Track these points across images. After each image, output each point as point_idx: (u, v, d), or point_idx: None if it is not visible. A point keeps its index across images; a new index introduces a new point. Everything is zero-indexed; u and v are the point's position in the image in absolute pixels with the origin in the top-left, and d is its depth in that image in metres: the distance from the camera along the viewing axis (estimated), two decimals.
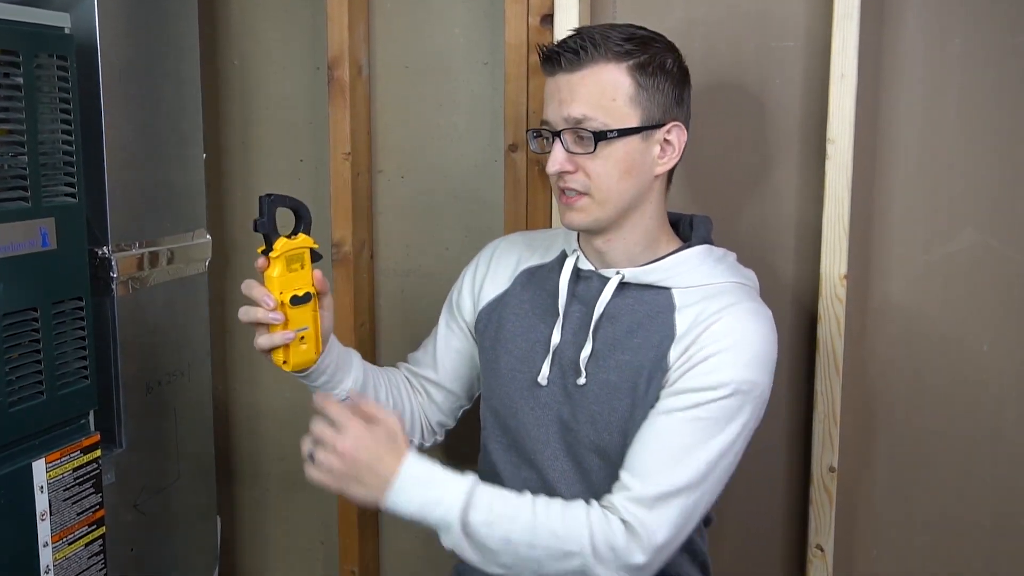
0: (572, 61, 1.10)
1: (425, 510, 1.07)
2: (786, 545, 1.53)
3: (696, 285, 1.15)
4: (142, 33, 1.45)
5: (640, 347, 1.14)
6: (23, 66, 1.18)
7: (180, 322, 1.57)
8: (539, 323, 1.23)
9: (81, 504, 1.32)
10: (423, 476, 1.08)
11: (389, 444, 1.08)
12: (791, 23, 1.41)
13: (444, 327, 1.36)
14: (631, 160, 1.12)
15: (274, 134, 1.75)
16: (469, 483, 1.08)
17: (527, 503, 1.08)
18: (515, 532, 1.06)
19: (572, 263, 1.21)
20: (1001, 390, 1.40)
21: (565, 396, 1.19)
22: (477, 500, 1.07)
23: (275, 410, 1.83)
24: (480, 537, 1.06)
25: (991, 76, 1.35)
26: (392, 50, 1.65)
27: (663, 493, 1.06)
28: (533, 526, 1.06)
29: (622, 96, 1.11)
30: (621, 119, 1.11)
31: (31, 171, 1.21)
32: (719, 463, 1.09)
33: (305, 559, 1.87)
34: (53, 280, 1.25)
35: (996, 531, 1.43)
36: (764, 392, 1.11)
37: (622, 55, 1.10)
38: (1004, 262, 1.37)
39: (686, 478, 1.07)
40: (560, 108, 1.12)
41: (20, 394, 1.22)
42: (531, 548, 1.06)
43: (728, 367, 1.08)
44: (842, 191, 1.36)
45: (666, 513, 1.07)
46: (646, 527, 1.06)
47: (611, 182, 1.12)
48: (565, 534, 1.06)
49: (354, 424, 1.07)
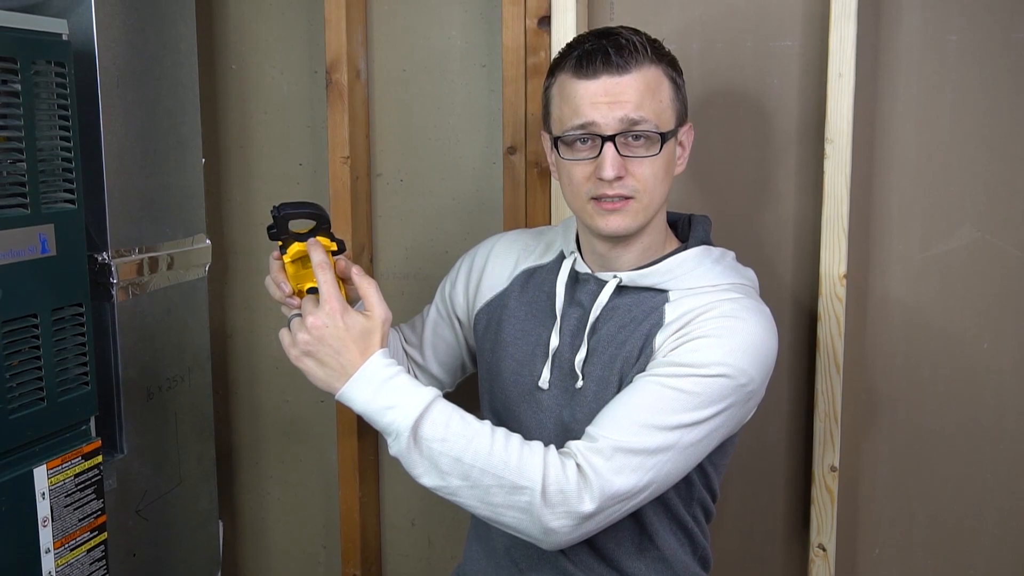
0: (619, 64, 1.09)
1: (377, 412, 1.05)
2: (788, 545, 1.53)
3: (694, 287, 1.15)
4: (140, 38, 1.45)
5: (627, 339, 1.14)
6: (21, 73, 1.18)
7: (180, 327, 1.57)
8: (538, 326, 1.23)
9: (83, 510, 1.32)
10: (383, 377, 1.06)
11: (362, 337, 1.07)
12: (788, 23, 1.42)
13: (434, 313, 1.37)
14: (671, 162, 1.14)
15: (273, 138, 1.76)
16: (429, 395, 1.06)
17: (487, 428, 1.05)
18: (468, 454, 1.03)
19: (569, 265, 1.21)
20: (1001, 387, 1.40)
21: (566, 399, 1.19)
22: (435, 414, 1.04)
23: (276, 413, 1.83)
24: (430, 452, 1.03)
25: (988, 73, 1.35)
26: (390, 53, 1.65)
27: (623, 447, 1.04)
28: (489, 452, 1.03)
29: (667, 97, 1.12)
30: (666, 121, 1.12)
31: (30, 178, 1.20)
32: (688, 437, 1.06)
33: (307, 563, 1.87)
34: (53, 286, 1.25)
35: (998, 529, 1.43)
36: (755, 386, 1.09)
37: (659, 56, 1.12)
38: (1002, 258, 1.37)
39: (649, 441, 1.04)
40: (612, 110, 1.09)
41: (21, 400, 1.22)
42: (482, 473, 1.03)
43: (717, 349, 1.07)
44: (841, 190, 1.36)
45: (623, 467, 1.03)
46: (600, 475, 1.03)
47: (656, 184, 1.12)
48: (518, 467, 1.03)
49: (332, 305, 1.07)
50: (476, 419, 1.07)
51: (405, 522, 1.77)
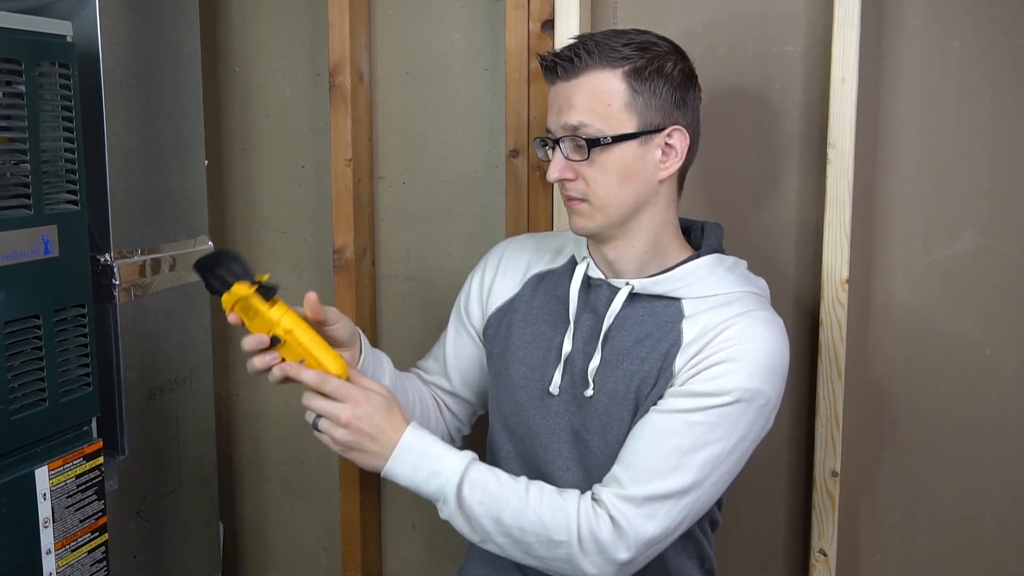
0: (568, 69, 1.11)
1: (422, 481, 1.09)
2: (789, 550, 1.53)
3: (707, 295, 1.14)
4: (143, 41, 1.46)
5: (646, 357, 1.13)
6: (25, 74, 1.18)
7: (182, 329, 1.57)
8: (550, 331, 1.22)
9: (84, 511, 1.32)
10: (420, 449, 1.09)
11: (388, 414, 1.10)
12: (791, 27, 1.42)
13: (453, 333, 1.36)
14: (629, 166, 1.12)
15: (275, 141, 1.76)
16: (466, 459, 1.10)
17: (520, 487, 1.09)
18: (507, 514, 1.08)
19: (583, 271, 1.20)
20: (1003, 392, 1.40)
21: (576, 406, 1.18)
22: (473, 477, 1.09)
23: (277, 416, 1.83)
24: (473, 514, 1.08)
25: (990, 79, 1.35)
26: (393, 56, 1.65)
27: (654, 494, 1.06)
28: (523, 511, 1.07)
29: (617, 102, 1.10)
30: (617, 125, 1.10)
31: (33, 179, 1.21)
32: (715, 469, 1.08)
33: (308, 566, 1.87)
34: (55, 287, 1.26)
35: (1000, 534, 1.43)
36: (772, 401, 1.10)
37: (617, 61, 1.10)
38: (1004, 264, 1.37)
39: (679, 482, 1.06)
40: (558, 116, 1.12)
41: (22, 401, 1.22)
42: (521, 532, 1.07)
43: (734, 375, 1.07)
44: (843, 195, 1.36)
45: (655, 513, 1.06)
46: (633, 525, 1.06)
47: (610, 188, 1.12)
48: (552, 523, 1.07)
49: (354, 395, 1.09)
50: (509, 477, 1.11)
51: (406, 525, 1.77)
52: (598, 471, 1.16)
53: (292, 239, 1.77)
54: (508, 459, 1.25)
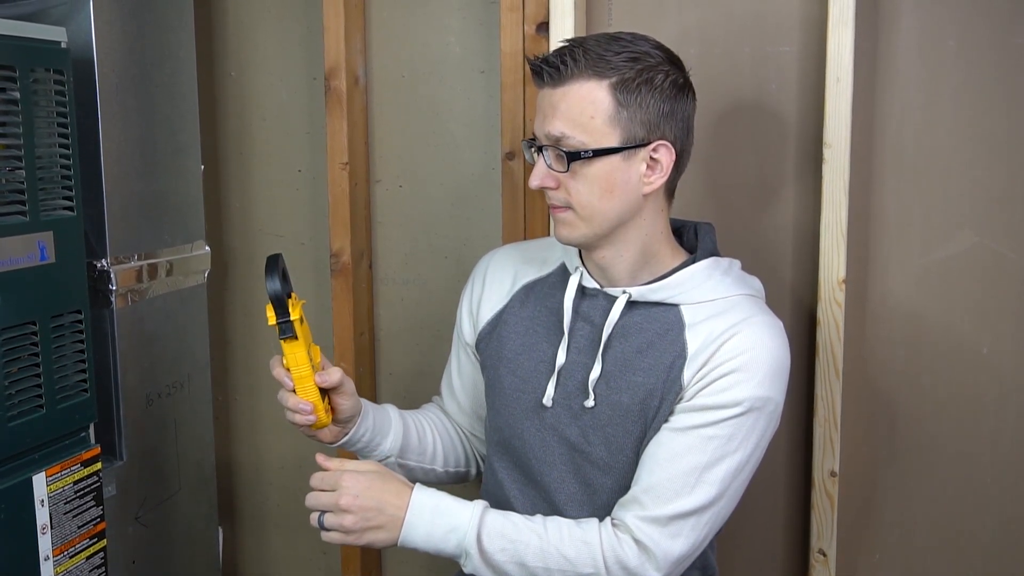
0: (554, 76, 1.08)
1: (440, 539, 1.08)
2: (788, 550, 1.53)
3: (705, 300, 1.13)
4: (139, 45, 1.46)
5: (652, 367, 1.12)
6: (20, 81, 1.18)
7: (179, 334, 1.57)
8: (542, 342, 1.20)
9: (82, 517, 1.32)
10: (432, 504, 1.09)
11: (384, 483, 1.09)
12: (786, 28, 1.42)
13: (455, 359, 1.35)
14: (611, 180, 1.09)
15: (271, 145, 1.76)
16: (479, 509, 1.09)
17: (537, 527, 1.09)
18: (528, 557, 1.07)
19: (576, 281, 1.18)
20: (1001, 392, 1.40)
21: (571, 417, 1.16)
22: (489, 526, 1.08)
23: (275, 420, 1.83)
24: (497, 563, 1.08)
25: (986, 78, 1.35)
26: (388, 60, 1.65)
27: (677, 513, 1.06)
28: (546, 551, 1.07)
29: (601, 115, 1.07)
30: (599, 138, 1.07)
31: (29, 185, 1.21)
32: (734, 480, 1.09)
33: (307, 569, 1.86)
34: (52, 293, 1.25)
35: (998, 534, 1.43)
36: (778, 406, 1.11)
37: (605, 72, 1.06)
38: (1002, 263, 1.37)
39: (701, 498, 1.07)
40: (543, 124, 1.10)
41: (20, 408, 1.22)
42: (547, 572, 1.07)
43: (744, 384, 1.07)
44: (839, 195, 1.36)
45: (680, 531, 1.07)
46: (660, 546, 1.06)
47: (592, 200, 1.10)
48: (576, 557, 1.07)
49: (347, 477, 1.09)
50: (524, 518, 1.11)
51: None
52: (597, 482, 1.15)
53: (289, 243, 1.77)
54: (503, 470, 1.23)
